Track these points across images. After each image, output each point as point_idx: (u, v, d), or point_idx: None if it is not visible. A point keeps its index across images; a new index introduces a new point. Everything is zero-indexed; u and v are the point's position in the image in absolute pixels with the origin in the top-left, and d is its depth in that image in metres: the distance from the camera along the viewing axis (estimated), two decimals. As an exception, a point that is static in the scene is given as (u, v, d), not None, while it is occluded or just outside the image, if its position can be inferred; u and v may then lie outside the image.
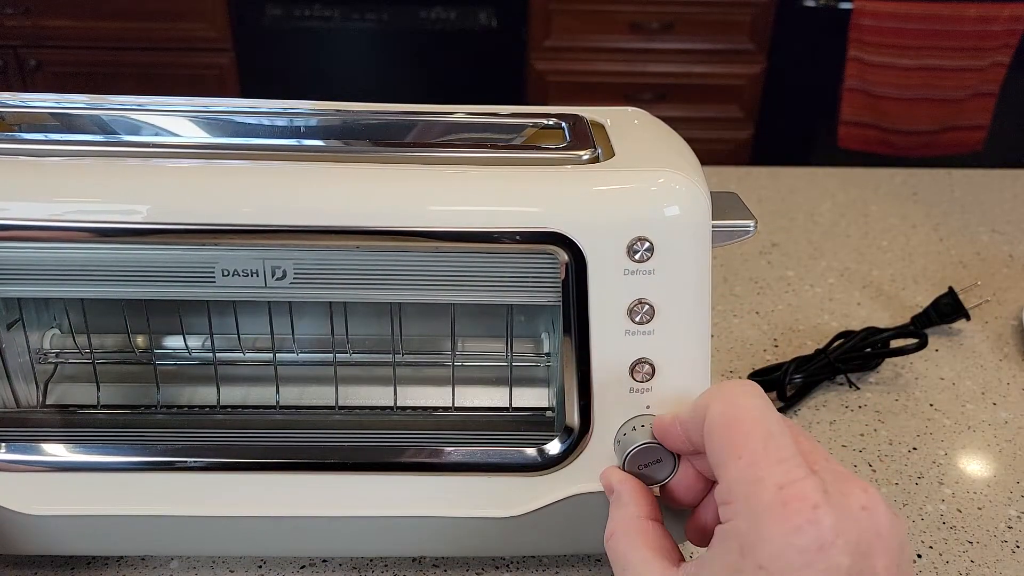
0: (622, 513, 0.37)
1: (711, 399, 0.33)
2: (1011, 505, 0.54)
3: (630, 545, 0.35)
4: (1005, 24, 1.83)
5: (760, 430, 0.31)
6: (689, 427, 0.35)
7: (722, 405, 0.32)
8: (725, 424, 0.32)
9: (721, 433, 0.31)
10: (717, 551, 0.30)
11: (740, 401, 0.32)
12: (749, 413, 0.31)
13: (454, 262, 0.40)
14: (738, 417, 0.31)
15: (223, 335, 0.49)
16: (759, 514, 0.29)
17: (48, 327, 0.50)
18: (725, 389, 0.33)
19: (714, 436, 0.32)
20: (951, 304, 0.70)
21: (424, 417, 0.48)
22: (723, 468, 0.31)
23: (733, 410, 0.32)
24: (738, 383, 0.33)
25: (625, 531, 0.36)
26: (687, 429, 0.35)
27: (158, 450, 0.43)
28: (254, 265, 0.40)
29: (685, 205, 0.39)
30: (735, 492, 0.30)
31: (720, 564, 0.30)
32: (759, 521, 0.28)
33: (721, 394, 0.33)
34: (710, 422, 0.32)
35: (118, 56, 2.13)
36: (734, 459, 0.30)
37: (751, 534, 0.29)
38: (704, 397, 0.34)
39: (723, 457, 0.31)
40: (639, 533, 0.35)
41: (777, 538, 0.28)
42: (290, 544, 0.45)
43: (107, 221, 0.38)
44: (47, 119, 0.47)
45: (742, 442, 0.31)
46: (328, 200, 0.39)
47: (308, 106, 0.48)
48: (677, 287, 0.40)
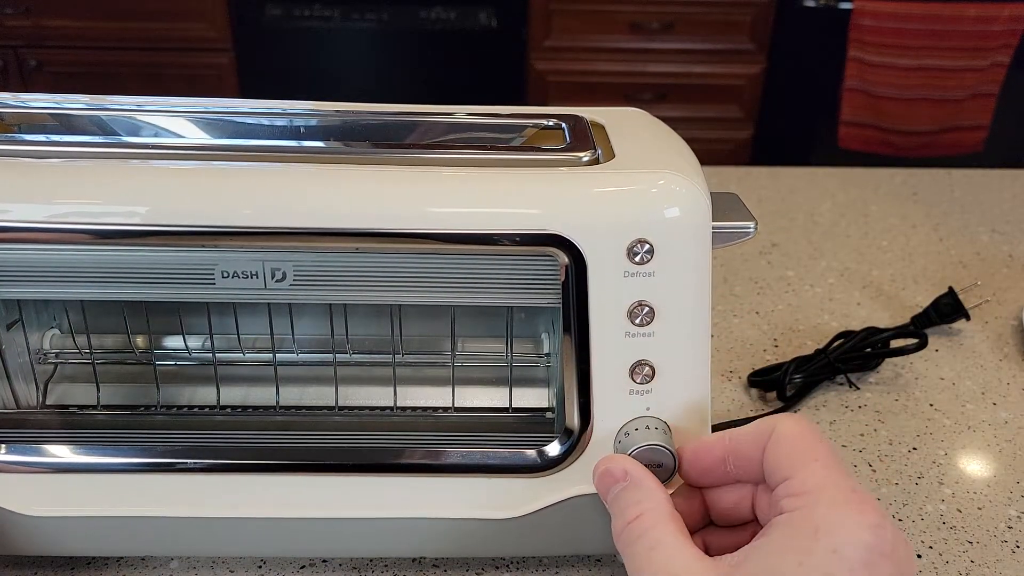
0: (651, 496, 0.36)
1: (777, 420, 0.36)
2: (1011, 505, 0.54)
3: (664, 528, 0.34)
4: (1005, 24, 1.83)
5: (828, 446, 0.34)
6: (745, 443, 0.36)
7: (794, 422, 0.35)
8: (800, 434, 0.34)
9: (796, 440, 0.34)
10: (778, 535, 0.31)
11: (810, 424, 0.35)
12: (818, 433, 0.35)
13: (454, 264, 0.40)
14: (811, 431, 0.35)
15: (223, 335, 0.49)
16: (840, 504, 0.31)
17: (48, 327, 0.50)
18: (792, 415, 0.36)
19: (786, 443, 0.34)
20: (951, 304, 0.70)
21: (424, 418, 0.48)
22: (799, 467, 0.33)
23: (805, 426, 0.35)
24: (799, 415, 0.38)
25: (658, 511, 0.35)
26: (741, 444, 0.37)
27: (158, 451, 0.43)
28: (254, 267, 0.40)
29: (685, 207, 0.39)
30: (812, 485, 0.32)
31: (784, 546, 0.31)
32: (841, 509, 0.31)
33: (791, 418, 0.36)
34: (783, 433, 0.35)
35: (118, 56, 2.13)
36: (812, 460, 0.33)
37: (830, 520, 0.30)
38: (767, 421, 0.36)
39: (800, 458, 0.33)
40: (672, 518, 0.35)
41: (855, 528, 0.30)
42: (290, 545, 0.45)
43: (107, 223, 0.38)
44: (47, 120, 0.47)
45: (817, 449, 0.34)
46: (328, 202, 0.39)
47: (308, 106, 0.48)
48: (677, 289, 0.39)
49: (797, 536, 0.31)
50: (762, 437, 0.35)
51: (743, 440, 0.37)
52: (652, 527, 0.34)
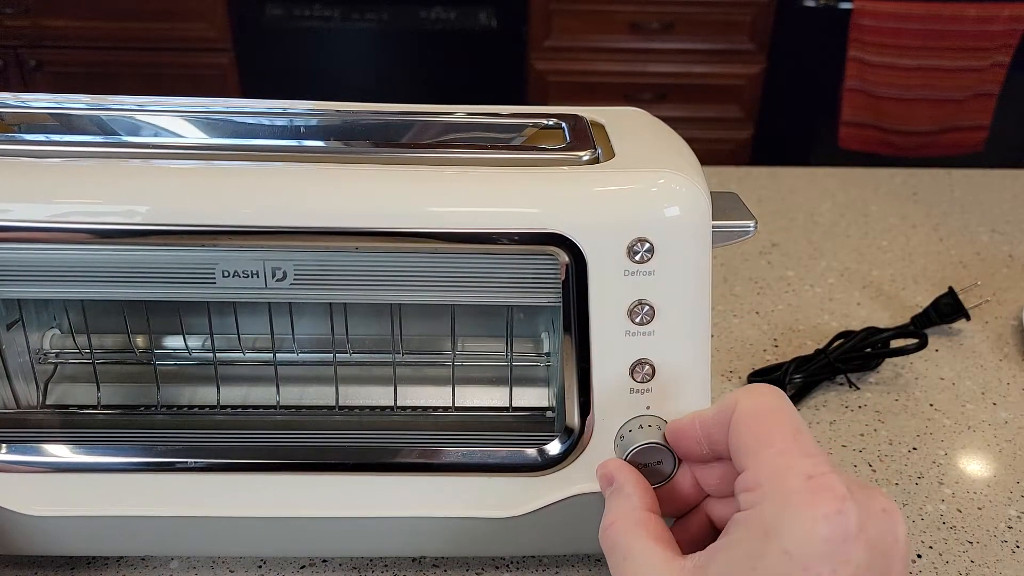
0: (623, 503, 0.36)
1: (739, 396, 0.34)
2: (1011, 505, 0.54)
3: (633, 535, 0.34)
4: (1005, 24, 1.83)
5: (790, 424, 0.32)
6: (711, 425, 0.36)
7: (752, 400, 0.33)
8: (755, 416, 0.32)
9: (751, 424, 0.32)
10: (736, 537, 0.30)
11: (769, 398, 0.33)
12: (779, 408, 0.33)
13: (454, 263, 0.40)
14: (769, 410, 0.33)
15: (223, 335, 0.49)
16: (789, 499, 0.29)
17: (48, 327, 0.50)
18: (753, 388, 0.34)
19: (743, 427, 0.33)
20: (951, 304, 0.70)
21: (424, 418, 0.48)
22: (751, 456, 0.32)
23: (764, 404, 0.33)
24: (764, 386, 0.34)
25: (627, 520, 0.35)
26: (709, 428, 0.36)
27: (158, 451, 0.43)
28: (254, 266, 0.40)
29: (685, 206, 0.39)
30: (763, 478, 0.30)
31: (740, 550, 0.30)
32: (788, 506, 0.29)
33: (750, 392, 0.34)
34: (740, 414, 0.33)
35: (118, 56, 2.13)
36: (765, 447, 0.31)
37: (779, 519, 0.29)
38: (730, 396, 0.34)
39: (752, 446, 0.32)
40: (642, 524, 0.35)
41: (806, 524, 0.28)
42: (290, 544, 0.45)
43: (107, 222, 0.38)
44: (47, 120, 0.47)
45: (773, 432, 0.32)
46: (328, 201, 0.39)
47: (308, 106, 0.48)
48: (677, 288, 0.40)
49: (750, 538, 0.29)
50: (725, 419, 0.34)
51: (710, 422, 0.36)
52: (623, 534, 0.35)
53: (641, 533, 0.34)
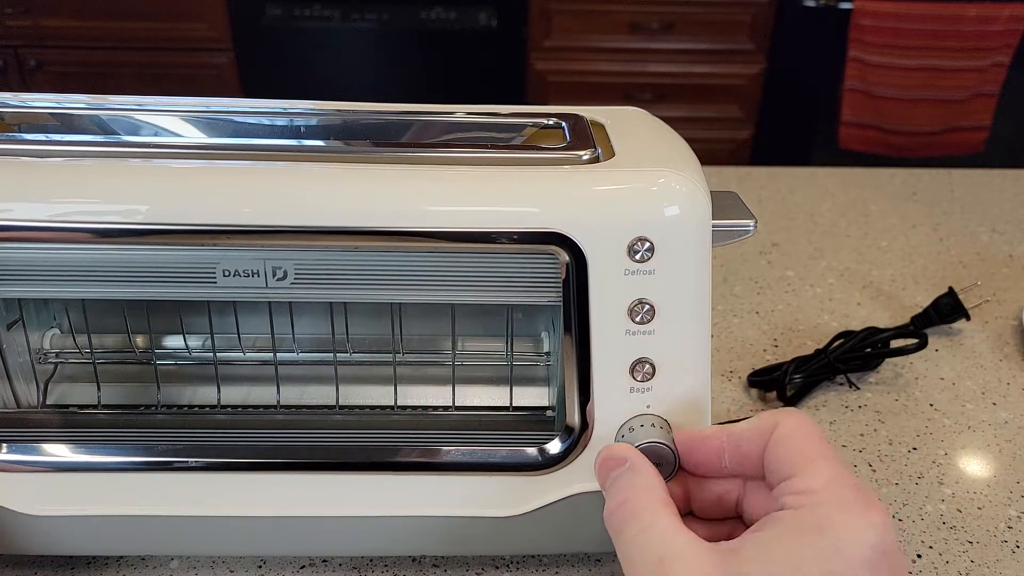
0: (641, 481, 0.36)
1: (780, 416, 0.36)
2: (1011, 505, 0.54)
3: (653, 510, 0.34)
4: (1005, 24, 1.83)
5: (831, 448, 0.34)
6: (745, 439, 0.36)
7: (796, 420, 0.35)
8: (804, 433, 0.35)
9: (799, 440, 0.34)
10: (781, 530, 0.32)
11: (813, 423, 0.36)
12: (821, 433, 0.35)
13: (454, 262, 0.40)
14: (815, 429, 0.35)
15: (223, 335, 0.49)
16: (846, 503, 0.31)
17: (48, 327, 0.50)
18: (793, 412, 0.36)
19: (789, 442, 0.34)
20: (951, 304, 0.70)
21: (424, 417, 0.48)
22: (806, 463, 0.33)
23: (808, 424, 0.35)
24: (798, 410, 0.37)
25: (648, 496, 0.35)
26: (740, 441, 0.37)
27: (158, 450, 0.43)
28: (255, 266, 0.40)
29: (685, 205, 0.39)
30: (819, 483, 0.32)
31: (788, 541, 0.31)
32: (845, 510, 0.31)
33: (793, 415, 0.36)
34: (788, 430, 0.35)
35: (118, 56, 2.13)
36: (817, 458, 0.33)
37: (834, 519, 0.31)
38: (768, 416, 0.36)
39: (803, 456, 0.34)
40: (664, 503, 0.34)
41: (859, 528, 0.30)
42: (290, 544, 0.45)
43: (108, 222, 0.38)
44: (47, 119, 0.47)
45: (823, 448, 0.34)
46: (329, 200, 0.39)
47: (308, 106, 0.48)
48: (677, 287, 0.40)
49: (800, 532, 0.31)
50: (763, 434, 0.35)
51: (743, 438, 0.37)
52: (644, 509, 0.34)
53: (665, 511, 0.34)
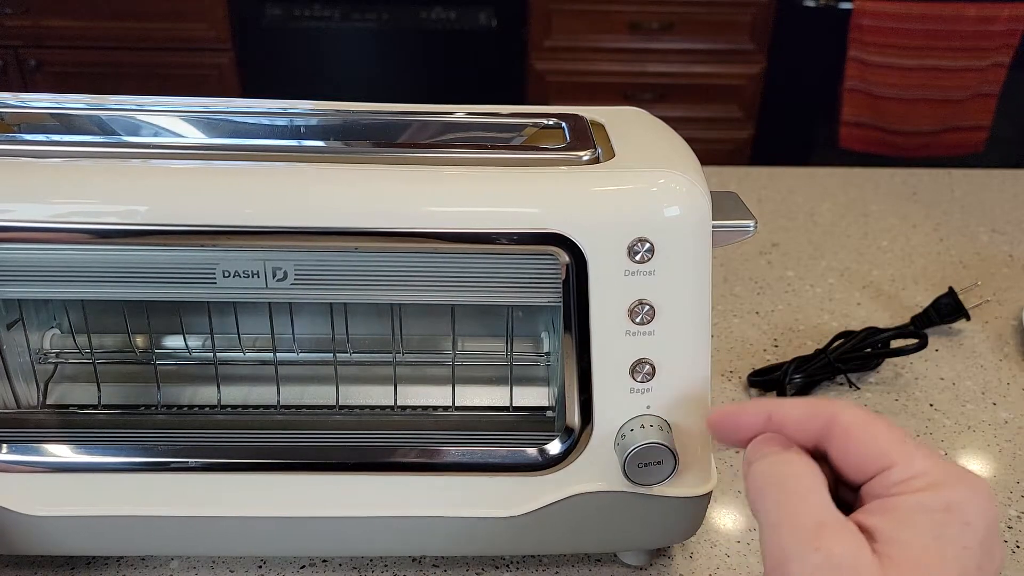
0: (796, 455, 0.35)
1: (839, 408, 0.35)
2: (1011, 505, 0.54)
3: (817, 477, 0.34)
4: (1005, 24, 1.83)
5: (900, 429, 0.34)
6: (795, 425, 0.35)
7: (854, 412, 0.34)
8: (874, 424, 0.34)
9: (876, 430, 0.34)
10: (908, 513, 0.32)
11: (867, 410, 0.35)
12: (882, 416, 0.35)
13: (455, 263, 0.40)
14: (878, 416, 0.35)
15: (223, 335, 0.49)
16: (955, 478, 0.32)
17: (48, 327, 0.50)
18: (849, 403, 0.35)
19: (865, 435, 0.34)
20: (951, 304, 0.70)
21: (424, 417, 0.48)
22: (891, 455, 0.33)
23: (870, 415, 0.34)
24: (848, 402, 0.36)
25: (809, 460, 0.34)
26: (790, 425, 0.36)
27: (158, 451, 0.43)
28: (255, 266, 0.40)
29: (685, 206, 0.39)
30: (919, 468, 0.32)
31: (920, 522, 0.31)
32: (959, 484, 0.32)
33: (850, 406, 0.35)
34: (852, 423, 0.34)
35: (118, 56, 2.12)
36: (902, 445, 0.33)
37: (957, 496, 0.31)
38: (821, 405, 0.35)
39: (889, 446, 0.33)
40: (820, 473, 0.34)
41: (978, 499, 0.31)
42: (290, 544, 0.45)
43: (108, 223, 0.38)
44: (47, 119, 0.47)
45: (899, 435, 0.34)
46: (329, 201, 0.39)
47: (308, 106, 0.48)
48: (677, 287, 0.40)
49: (930, 512, 0.31)
50: (813, 424, 0.35)
51: (788, 422, 0.36)
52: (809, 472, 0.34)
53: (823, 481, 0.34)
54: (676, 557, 0.49)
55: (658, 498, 0.43)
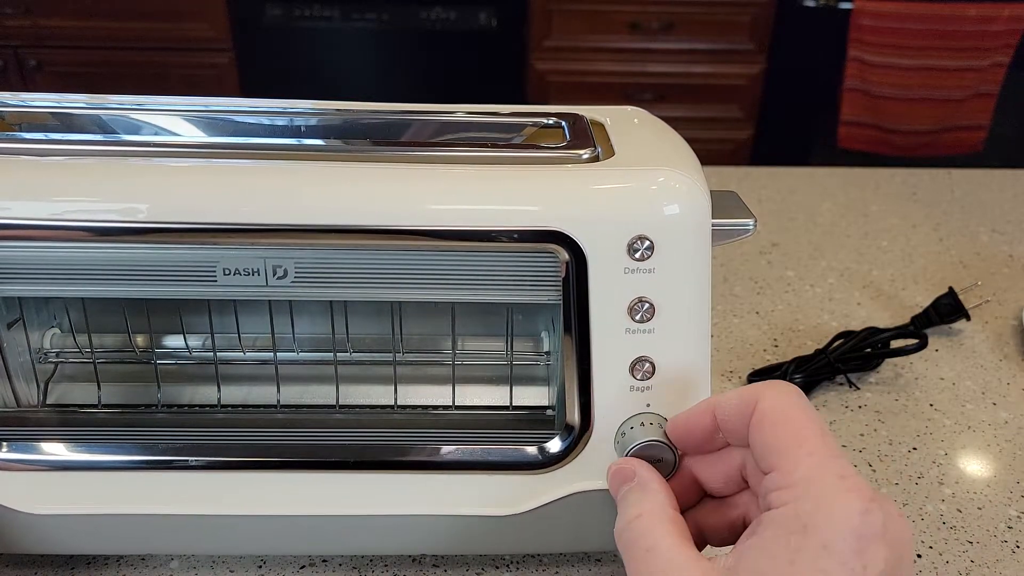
0: (651, 498, 0.36)
1: (761, 391, 0.34)
2: (1011, 505, 0.54)
3: (662, 530, 0.34)
4: (1005, 24, 1.83)
5: (816, 424, 0.33)
6: (732, 415, 0.35)
7: (777, 397, 0.34)
8: (783, 415, 0.33)
9: (779, 423, 0.33)
10: (770, 534, 0.31)
11: (793, 397, 0.34)
12: (804, 408, 0.33)
13: (455, 261, 0.40)
14: (794, 408, 0.33)
15: (223, 335, 0.49)
16: (825, 496, 0.30)
17: (48, 327, 0.50)
18: (774, 385, 0.35)
19: (770, 425, 0.33)
20: (951, 304, 0.70)
21: (424, 416, 0.48)
22: (783, 456, 0.32)
23: (788, 403, 0.33)
24: (783, 383, 0.35)
25: (656, 515, 0.35)
26: (728, 416, 0.36)
27: (159, 449, 0.43)
28: (255, 264, 0.40)
29: (685, 204, 0.39)
30: (798, 477, 0.31)
31: (776, 545, 0.30)
32: (825, 503, 0.30)
33: (772, 388, 0.34)
34: (765, 411, 0.34)
35: (118, 56, 2.13)
36: (795, 447, 0.32)
37: (816, 515, 0.30)
38: (750, 389, 0.35)
39: (783, 445, 0.32)
40: (670, 520, 0.35)
41: (842, 520, 0.29)
42: (290, 543, 0.45)
43: (108, 220, 0.38)
44: (47, 119, 0.47)
45: (802, 433, 0.32)
46: (329, 198, 0.39)
47: (308, 106, 0.48)
48: (677, 285, 0.40)
49: (787, 534, 0.30)
50: (746, 412, 0.35)
51: (729, 413, 0.36)
52: (651, 528, 0.34)
53: (671, 529, 0.34)
54: (676, 556, 0.49)
55: None
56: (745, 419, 0.35)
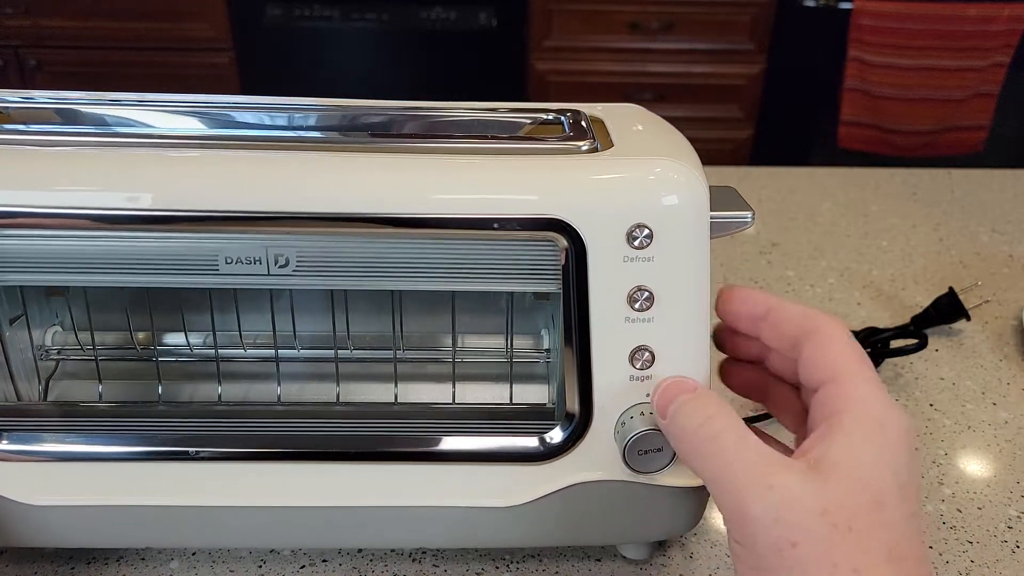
0: (720, 402, 0.37)
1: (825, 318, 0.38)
2: (1011, 505, 0.54)
3: (742, 426, 0.36)
4: (1005, 24, 1.83)
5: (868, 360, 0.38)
6: (785, 318, 0.39)
7: (841, 330, 0.38)
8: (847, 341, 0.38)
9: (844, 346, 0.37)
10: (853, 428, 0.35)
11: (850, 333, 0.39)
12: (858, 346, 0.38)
13: (455, 249, 0.40)
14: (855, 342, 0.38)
15: (224, 332, 0.49)
16: (889, 407, 0.35)
17: (50, 324, 0.50)
18: (835, 319, 0.39)
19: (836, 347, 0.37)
20: (951, 304, 0.70)
21: (425, 407, 0.49)
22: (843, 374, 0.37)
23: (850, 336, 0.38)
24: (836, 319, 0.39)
25: (731, 414, 0.36)
26: (782, 317, 0.40)
27: (159, 439, 0.43)
28: (257, 253, 0.40)
29: (683, 192, 0.39)
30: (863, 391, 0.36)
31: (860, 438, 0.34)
32: (892, 411, 0.35)
33: (835, 321, 0.39)
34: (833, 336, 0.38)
35: (118, 56, 2.13)
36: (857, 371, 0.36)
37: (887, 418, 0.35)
38: (812, 313, 0.39)
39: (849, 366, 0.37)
40: (739, 422, 0.36)
41: (902, 424, 0.35)
42: (291, 534, 0.45)
43: (110, 208, 0.38)
44: (49, 114, 0.47)
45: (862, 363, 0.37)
46: (331, 187, 0.39)
47: (309, 102, 0.48)
48: (676, 274, 0.40)
49: (867, 431, 0.34)
50: (801, 324, 0.38)
51: (785, 317, 0.39)
52: (733, 424, 0.36)
53: (747, 428, 0.36)
54: (676, 557, 0.49)
55: (658, 488, 0.43)
56: (798, 330, 0.38)
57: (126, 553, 0.48)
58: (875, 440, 0.34)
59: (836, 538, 0.32)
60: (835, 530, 0.32)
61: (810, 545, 0.32)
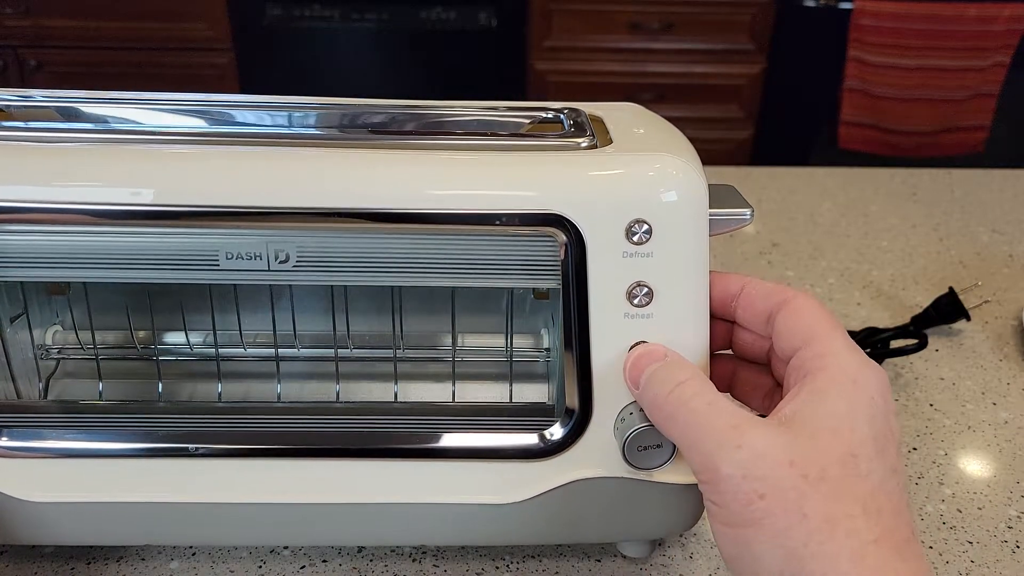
0: (690, 367, 0.38)
1: (795, 293, 0.39)
2: (1011, 505, 0.54)
3: (712, 389, 0.36)
4: (1005, 24, 1.83)
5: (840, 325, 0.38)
6: (759, 296, 0.40)
7: (811, 299, 0.39)
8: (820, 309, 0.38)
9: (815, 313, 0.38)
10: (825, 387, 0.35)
11: (821, 302, 0.39)
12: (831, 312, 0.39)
13: (455, 245, 0.40)
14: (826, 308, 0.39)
15: (225, 331, 0.49)
16: (864, 364, 0.36)
17: (51, 323, 0.50)
18: (804, 291, 0.41)
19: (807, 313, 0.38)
20: (951, 304, 0.70)
21: (425, 404, 0.49)
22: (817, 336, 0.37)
23: (820, 304, 0.39)
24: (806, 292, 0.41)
25: (701, 378, 0.37)
26: (755, 295, 0.40)
27: (159, 436, 0.43)
28: (258, 248, 0.40)
29: (682, 188, 0.39)
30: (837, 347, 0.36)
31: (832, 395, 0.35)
32: (867, 368, 0.36)
33: (805, 293, 0.39)
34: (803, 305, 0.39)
35: (118, 56, 2.13)
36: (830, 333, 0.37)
37: (862, 373, 0.35)
38: (780, 287, 0.40)
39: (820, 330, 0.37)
40: (709, 386, 0.37)
41: (878, 380, 0.35)
42: (291, 531, 0.45)
43: (111, 203, 0.38)
44: (50, 112, 0.47)
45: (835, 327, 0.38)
46: (331, 183, 0.39)
47: (309, 100, 0.48)
48: (675, 270, 0.40)
49: (840, 386, 0.35)
50: (773, 297, 0.39)
51: (758, 294, 0.40)
52: (703, 388, 0.36)
53: (717, 391, 0.36)
54: (676, 557, 0.49)
55: (658, 484, 0.43)
56: (770, 305, 0.39)
57: (126, 553, 0.48)
58: (847, 394, 0.34)
59: (806, 488, 0.32)
60: (805, 480, 0.32)
61: (778, 496, 0.32)
